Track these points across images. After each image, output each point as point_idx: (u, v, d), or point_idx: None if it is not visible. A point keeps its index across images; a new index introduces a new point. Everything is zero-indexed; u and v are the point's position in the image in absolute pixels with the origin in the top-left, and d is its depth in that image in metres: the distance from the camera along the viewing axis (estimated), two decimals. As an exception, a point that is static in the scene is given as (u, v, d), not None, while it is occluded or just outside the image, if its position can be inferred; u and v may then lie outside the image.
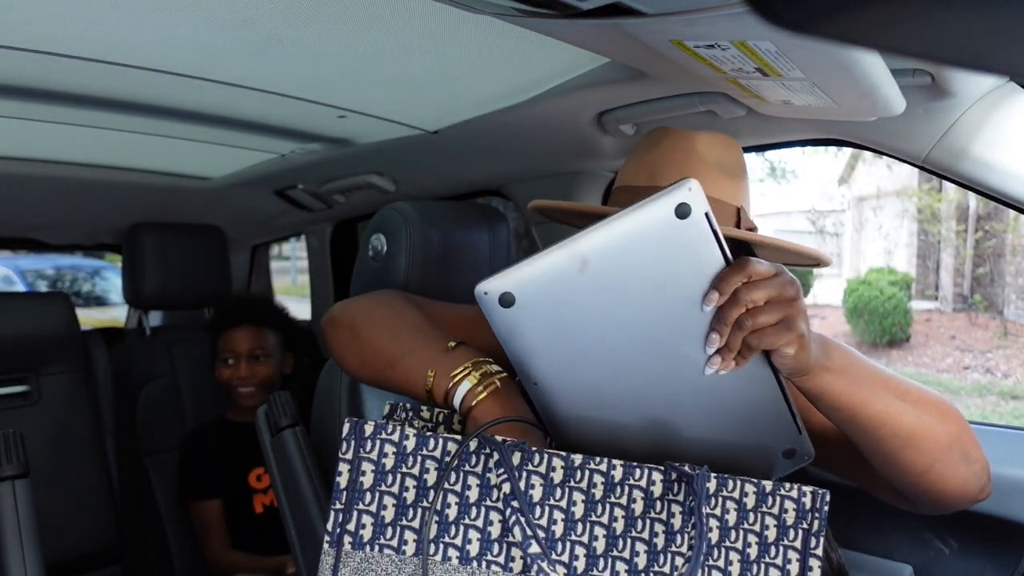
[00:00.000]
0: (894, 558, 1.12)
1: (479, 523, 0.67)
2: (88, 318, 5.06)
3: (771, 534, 0.70)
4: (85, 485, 1.78)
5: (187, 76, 1.02)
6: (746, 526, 0.70)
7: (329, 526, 0.66)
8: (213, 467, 1.79)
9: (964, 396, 5.99)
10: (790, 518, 0.71)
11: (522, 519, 0.66)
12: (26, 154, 1.49)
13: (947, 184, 7.26)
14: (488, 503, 0.67)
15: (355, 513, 0.66)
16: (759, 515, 0.70)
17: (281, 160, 1.58)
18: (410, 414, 0.85)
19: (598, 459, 0.69)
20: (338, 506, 0.66)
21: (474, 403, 0.74)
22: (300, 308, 2.49)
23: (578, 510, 0.68)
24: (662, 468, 0.69)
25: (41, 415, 1.76)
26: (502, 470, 0.66)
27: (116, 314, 5.80)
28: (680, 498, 0.69)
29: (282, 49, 0.93)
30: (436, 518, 0.66)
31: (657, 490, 0.69)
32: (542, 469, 0.68)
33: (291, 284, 9.94)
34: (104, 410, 1.86)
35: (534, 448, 0.68)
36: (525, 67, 1.00)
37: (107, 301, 6.86)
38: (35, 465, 1.22)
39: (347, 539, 0.65)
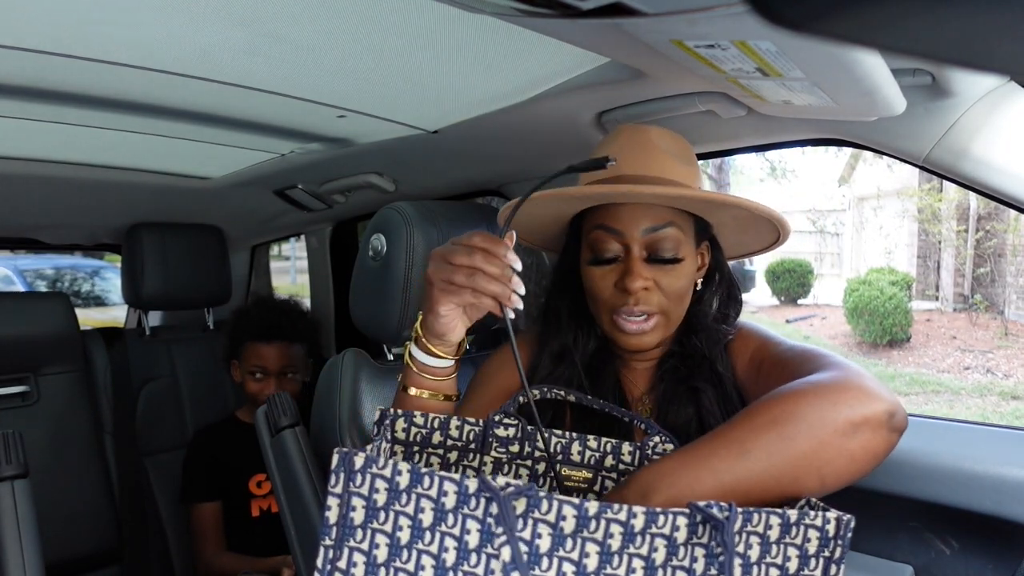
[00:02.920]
0: (895, 558, 1.12)
1: (479, 571, 0.62)
2: (88, 318, 5.06)
3: (792, 565, 0.67)
4: (85, 485, 1.78)
5: (187, 76, 1.02)
6: (768, 559, 0.67)
7: (319, 563, 0.62)
8: (216, 470, 1.79)
9: (965, 396, 5.99)
10: (812, 547, 0.67)
11: None
12: (26, 154, 1.49)
13: (947, 184, 7.27)
14: (489, 550, 0.62)
15: (346, 550, 0.62)
16: (782, 547, 0.67)
17: (281, 160, 1.58)
18: (402, 420, 0.85)
19: (616, 507, 0.63)
20: (328, 542, 0.62)
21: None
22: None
23: (591, 562, 0.62)
24: (687, 512, 0.64)
25: (40, 415, 1.76)
26: (502, 529, 0.61)
27: (116, 314, 5.81)
28: (704, 540, 0.65)
29: (282, 49, 0.93)
30: (433, 562, 0.62)
31: (681, 536, 0.64)
32: (550, 517, 0.62)
33: (291, 284, 9.95)
34: (104, 410, 1.86)
35: (542, 494, 0.62)
36: (525, 67, 1.00)
37: (107, 301, 6.87)
38: (35, 465, 1.22)
39: None
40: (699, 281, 0.98)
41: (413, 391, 0.89)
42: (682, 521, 0.64)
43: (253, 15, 0.83)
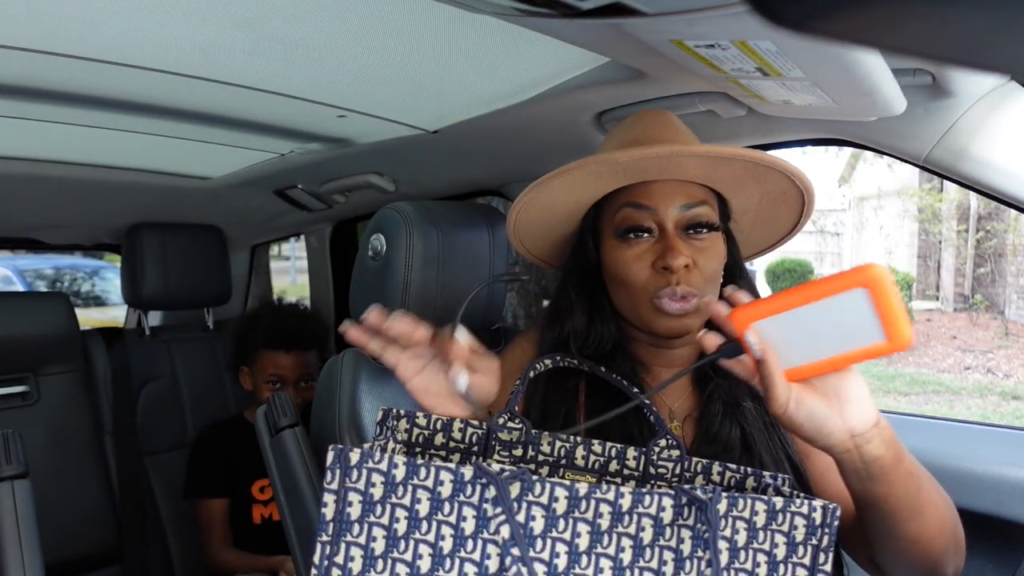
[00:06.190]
0: (894, 558, 1.12)
1: (475, 556, 0.63)
2: (88, 318, 5.06)
3: (780, 552, 0.68)
4: (85, 485, 1.78)
5: (187, 76, 1.02)
6: (755, 545, 0.68)
7: (316, 559, 0.63)
8: (222, 467, 1.79)
9: (965, 396, 5.99)
10: (799, 535, 0.68)
11: (524, 569, 0.62)
12: (26, 154, 1.49)
13: (948, 184, 7.26)
14: (485, 535, 0.64)
15: (343, 545, 0.62)
16: (769, 533, 0.68)
17: (281, 160, 1.58)
18: (404, 420, 0.84)
19: (605, 487, 0.65)
20: (324, 538, 0.63)
21: None
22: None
23: (583, 542, 0.65)
24: (672, 493, 0.66)
25: (40, 415, 1.76)
26: (499, 508, 0.63)
27: (116, 314, 5.81)
28: (690, 523, 0.67)
29: (282, 49, 0.93)
30: (430, 551, 0.63)
31: (667, 516, 0.66)
32: (543, 500, 0.64)
33: (291, 284, 9.95)
34: (104, 410, 1.86)
35: (535, 477, 0.65)
36: (525, 67, 1.00)
37: (106, 301, 6.88)
38: (35, 465, 1.22)
39: (335, 572, 0.62)
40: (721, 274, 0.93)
41: None
42: (667, 502, 0.66)
43: (253, 15, 0.83)
